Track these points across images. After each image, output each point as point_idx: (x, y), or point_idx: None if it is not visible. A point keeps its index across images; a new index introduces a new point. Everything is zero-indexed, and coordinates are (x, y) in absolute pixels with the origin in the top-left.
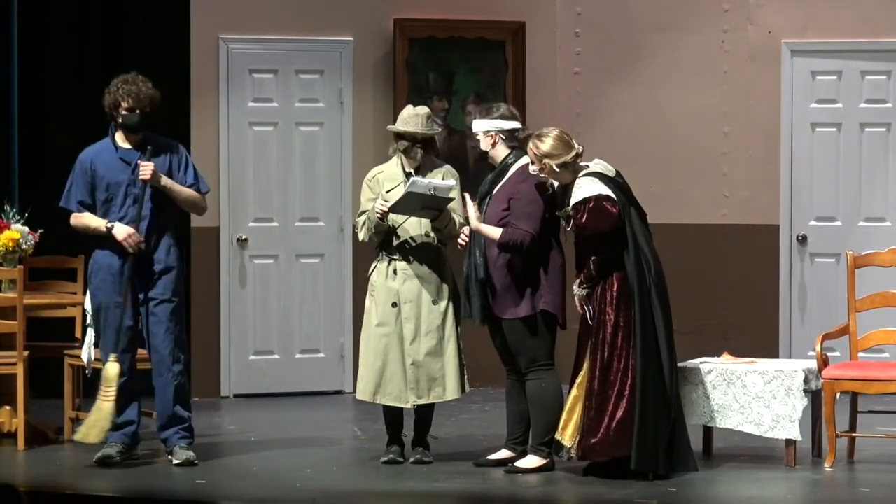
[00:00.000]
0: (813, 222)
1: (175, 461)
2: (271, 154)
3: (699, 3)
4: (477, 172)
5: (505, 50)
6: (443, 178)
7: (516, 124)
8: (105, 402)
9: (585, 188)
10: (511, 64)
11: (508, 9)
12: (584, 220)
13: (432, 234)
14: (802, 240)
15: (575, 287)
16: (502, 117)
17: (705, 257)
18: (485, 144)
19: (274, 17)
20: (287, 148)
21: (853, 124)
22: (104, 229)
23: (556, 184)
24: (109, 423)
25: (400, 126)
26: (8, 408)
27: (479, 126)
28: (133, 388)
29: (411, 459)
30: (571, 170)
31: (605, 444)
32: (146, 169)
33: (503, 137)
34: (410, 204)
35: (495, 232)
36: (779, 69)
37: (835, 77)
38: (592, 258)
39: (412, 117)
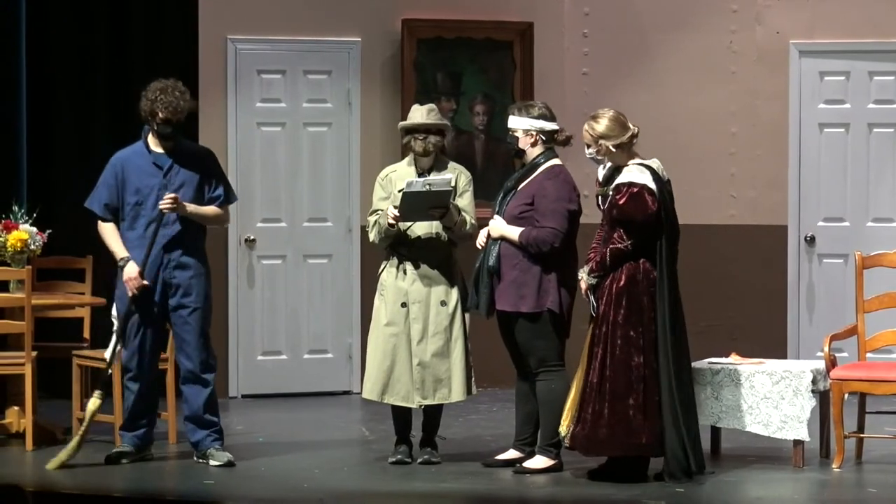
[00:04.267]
0: (821, 223)
1: (214, 463)
2: (279, 154)
3: (707, 4)
4: (485, 173)
5: (512, 50)
6: (455, 180)
7: (556, 125)
8: (77, 435)
9: (634, 174)
10: (519, 64)
11: (516, 9)
12: (621, 201)
13: (443, 235)
14: (810, 240)
15: (584, 274)
16: (543, 117)
17: (713, 258)
18: (523, 143)
19: (282, 18)
20: (295, 148)
21: (861, 125)
22: (117, 260)
23: (602, 172)
24: (68, 458)
25: (406, 121)
26: (16, 408)
27: (520, 124)
28: (154, 394)
29: (419, 460)
30: (627, 152)
31: (593, 440)
32: (167, 201)
33: (543, 139)
34: (414, 207)
35: (514, 233)
36: (787, 70)
37: (843, 78)
38: (609, 247)
39: (416, 111)
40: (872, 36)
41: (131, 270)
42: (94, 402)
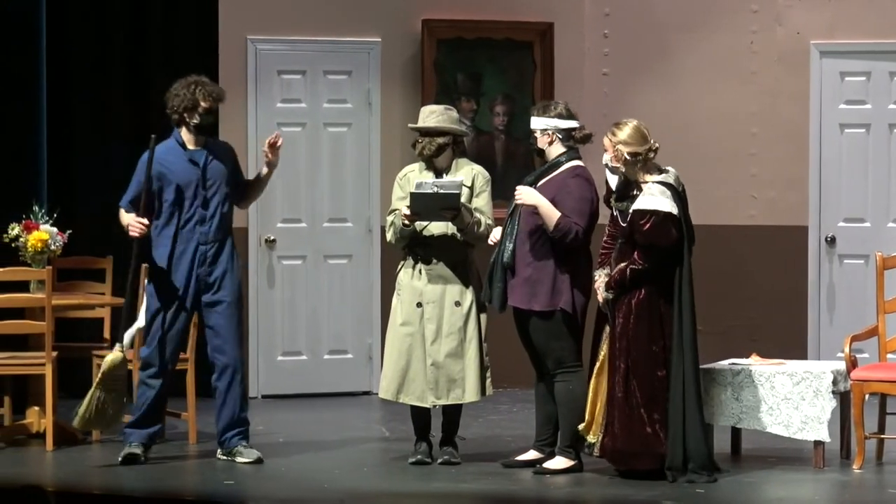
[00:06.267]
0: (841, 223)
1: (243, 461)
2: (299, 155)
3: (728, 4)
4: (505, 173)
5: (533, 51)
6: (473, 180)
7: (574, 123)
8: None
9: (658, 200)
10: (539, 65)
11: (536, 10)
12: (646, 227)
13: (459, 235)
14: (831, 241)
15: (601, 277)
16: (559, 116)
17: (733, 258)
18: (542, 142)
19: (302, 18)
20: (315, 149)
21: (882, 125)
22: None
23: (612, 182)
24: (87, 411)
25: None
26: (36, 408)
27: (537, 124)
28: (167, 392)
29: (439, 460)
30: (642, 164)
31: (626, 453)
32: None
33: (560, 137)
34: (425, 207)
35: (554, 214)
36: (807, 70)
37: (863, 78)
38: (630, 266)
39: (421, 113)
40: (893, 36)
41: (128, 216)
42: (115, 354)
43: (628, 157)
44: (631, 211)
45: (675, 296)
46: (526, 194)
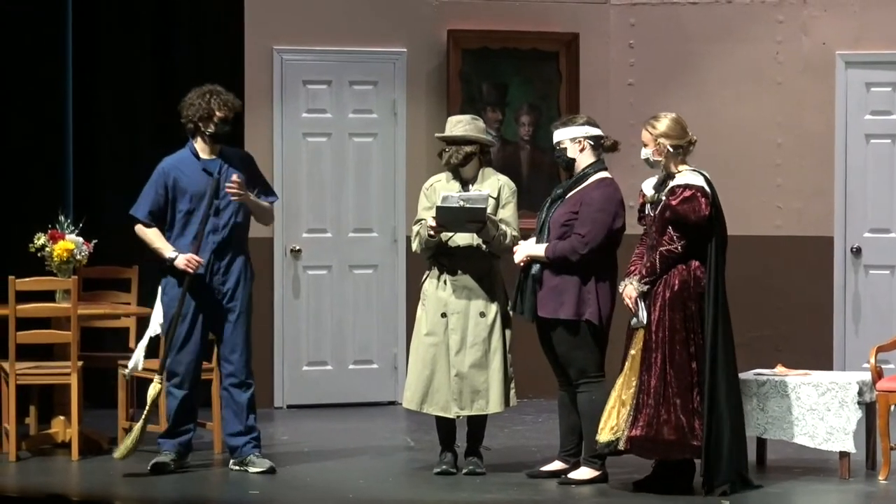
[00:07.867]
0: (867, 234)
1: (255, 470)
2: (325, 165)
3: (753, 15)
4: (530, 183)
5: (558, 61)
6: (499, 191)
7: (600, 132)
8: (141, 419)
9: (689, 177)
10: (564, 75)
11: (562, 20)
12: (675, 202)
13: (484, 246)
14: (857, 251)
15: (634, 282)
16: (588, 124)
17: (759, 269)
18: (572, 151)
19: (328, 29)
20: (341, 159)
21: None
22: (166, 257)
23: (650, 188)
24: (132, 443)
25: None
26: (62, 418)
27: (567, 133)
28: (194, 400)
29: (464, 470)
30: (682, 157)
31: (659, 442)
32: (233, 185)
33: (591, 144)
34: (451, 219)
35: (539, 251)
36: (833, 80)
37: (889, 88)
38: (660, 249)
39: (448, 123)
40: None
41: (183, 259)
42: (154, 387)
43: (671, 150)
44: (662, 197)
45: (706, 291)
46: (519, 255)
